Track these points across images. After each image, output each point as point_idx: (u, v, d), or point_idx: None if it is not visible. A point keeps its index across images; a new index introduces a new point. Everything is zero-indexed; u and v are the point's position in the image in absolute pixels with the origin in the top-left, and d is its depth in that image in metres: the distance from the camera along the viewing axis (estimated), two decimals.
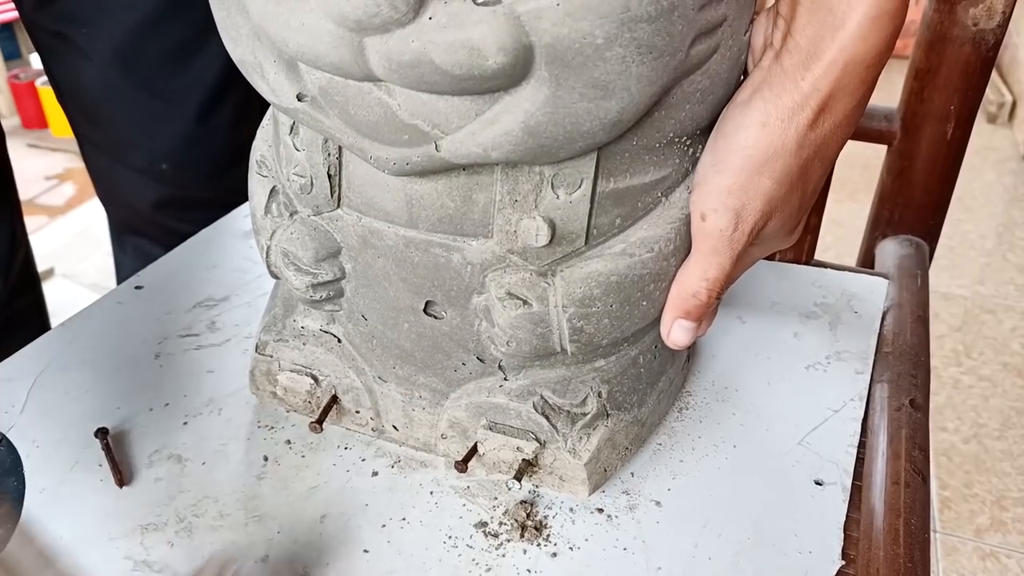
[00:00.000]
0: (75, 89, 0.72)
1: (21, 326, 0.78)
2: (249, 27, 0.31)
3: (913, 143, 0.59)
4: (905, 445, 0.42)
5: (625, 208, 0.35)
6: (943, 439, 1.34)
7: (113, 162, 0.77)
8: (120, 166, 0.76)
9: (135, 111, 0.72)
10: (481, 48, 0.26)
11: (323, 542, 0.37)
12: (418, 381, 0.40)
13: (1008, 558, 1.15)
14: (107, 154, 0.76)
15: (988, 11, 0.53)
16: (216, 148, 0.75)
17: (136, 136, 0.73)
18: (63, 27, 0.67)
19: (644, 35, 0.27)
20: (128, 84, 0.70)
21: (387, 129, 0.31)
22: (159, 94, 0.71)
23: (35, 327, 0.79)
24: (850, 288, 0.55)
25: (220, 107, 0.73)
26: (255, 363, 0.44)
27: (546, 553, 0.37)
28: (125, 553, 0.37)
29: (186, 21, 0.68)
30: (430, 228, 0.35)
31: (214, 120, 0.73)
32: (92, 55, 0.68)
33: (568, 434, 0.38)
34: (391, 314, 0.39)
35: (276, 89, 0.32)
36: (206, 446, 0.43)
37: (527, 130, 0.29)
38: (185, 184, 0.76)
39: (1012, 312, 1.67)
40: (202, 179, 0.76)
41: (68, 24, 0.67)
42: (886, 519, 0.38)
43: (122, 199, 0.81)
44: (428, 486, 0.40)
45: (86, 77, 0.70)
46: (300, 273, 0.39)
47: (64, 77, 0.72)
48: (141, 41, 0.68)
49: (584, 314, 0.36)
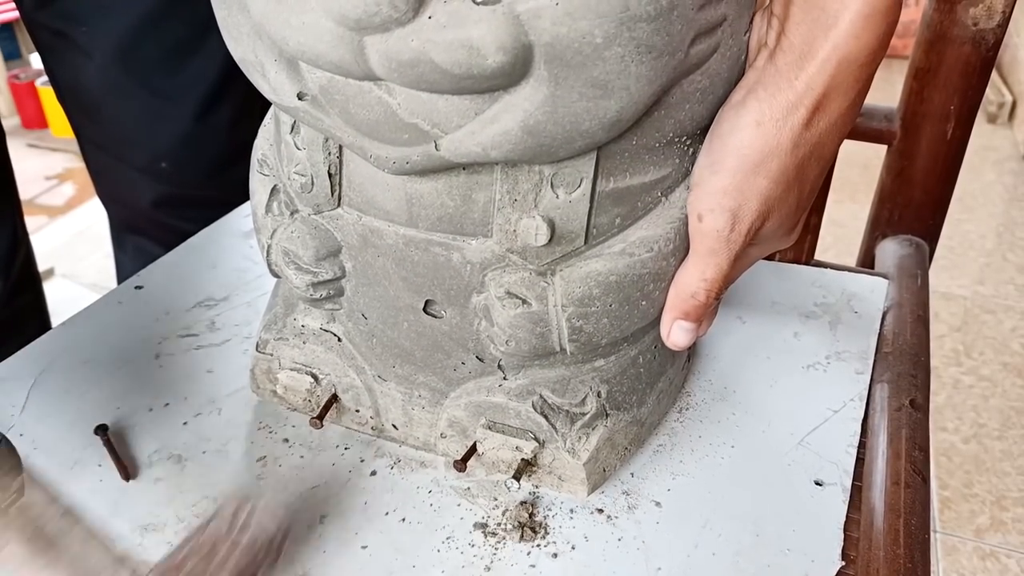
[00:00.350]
0: (75, 88, 0.72)
1: (21, 326, 0.78)
2: (250, 26, 0.31)
3: (913, 143, 0.59)
4: (905, 445, 0.42)
5: (625, 208, 0.35)
6: (943, 439, 1.34)
7: (113, 160, 0.77)
8: (120, 164, 0.76)
9: (135, 109, 0.72)
10: (480, 47, 0.26)
11: (323, 542, 0.37)
12: (418, 380, 0.40)
13: (1008, 558, 1.15)
14: (107, 152, 0.77)
15: (988, 11, 0.53)
16: (216, 147, 0.75)
17: (136, 134, 0.73)
18: (63, 25, 0.67)
19: (643, 34, 0.27)
20: (128, 82, 0.70)
21: (387, 128, 0.31)
22: (159, 92, 0.71)
23: (35, 327, 0.79)
24: (850, 288, 0.55)
25: (220, 106, 0.73)
26: (255, 361, 0.44)
27: (546, 553, 0.37)
28: (125, 553, 0.37)
29: (186, 20, 0.68)
30: (430, 227, 0.35)
31: (214, 119, 0.73)
32: (92, 53, 0.68)
33: (567, 434, 0.38)
34: (391, 313, 0.39)
35: (277, 88, 0.32)
36: (206, 446, 0.43)
37: (526, 129, 0.29)
38: (185, 183, 0.76)
39: (1012, 312, 1.67)
40: (202, 178, 0.76)
41: (68, 22, 0.67)
42: (886, 519, 0.38)
43: (122, 198, 0.81)
44: (428, 486, 0.40)
45: (86, 75, 0.70)
46: (300, 272, 0.39)
47: (64, 76, 0.72)
48: (141, 39, 0.68)
49: (583, 313, 0.36)
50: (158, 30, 0.68)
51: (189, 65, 0.70)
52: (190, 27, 0.69)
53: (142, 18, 0.67)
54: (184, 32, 0.69)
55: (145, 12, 0.67)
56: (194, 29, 0.69)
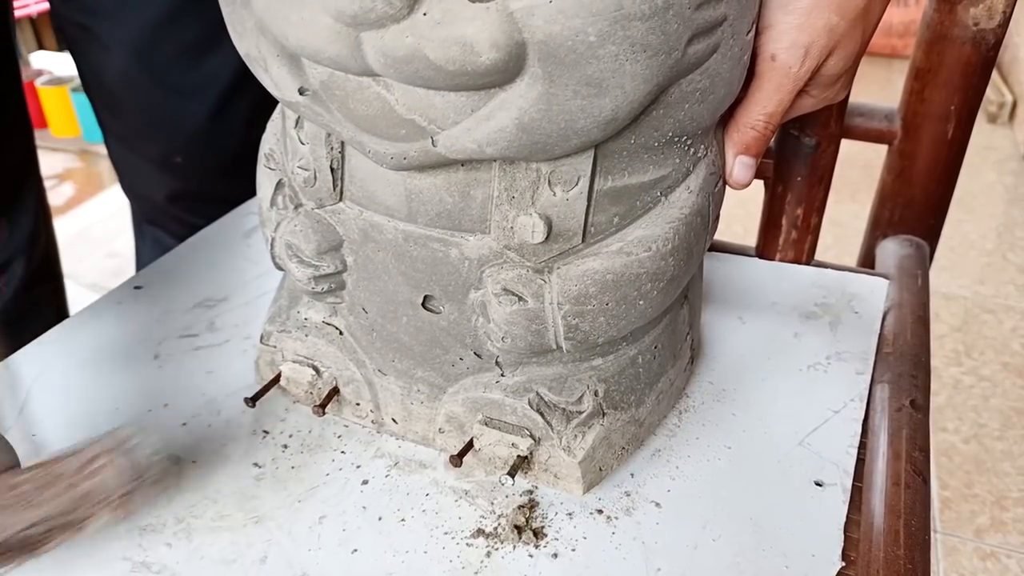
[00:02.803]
0: (98, 81, 0.74)
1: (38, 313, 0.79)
2: (253, 21, 0.32)
3: (913, 143, 0.59)
4: (905, 446, 0.42)
5: (623, 207, 0.35)
6: (943, 439, 1.34)
7: (131, 153, 0.79)
8: (138, 158, 0.78)
9: (152, 104, 0.73)
10: (474, 44, 0.27)
11: (321, 543, 0.37)
12: (416, 375, 0.41)
13: (1008, 558, 1.14)
14: (126, 146, 0.79)
15: (988, 11, 0.53)
16: (229, 144, 0.76)
17: (152, 129, 0.75)
18: (87, 19, 0.69)
19: (638, 33, 0.27)
20: (145, 77, 0.71)
21: (385, 123, 0.31)
22: (175, 88, 0.72)
23: (52, 316, 0.80)
24: (850, 288, 0.55)
25: (234, 104, 0.74)
26: (260, 353, 0.45)
27: (546, 554, 0.37)
28: (123, 554, 0.37)
29: (204, 18, 0.70)
30: (429, 223, 0.35)
31: (228, 117, 0.74)
32: (112, 47, 0.70)
33: (563, 432, 0.38)
34: (390, 307, 0.39)
35: (279, 83, 0.33)
36: (205, 447, 0.43)
37: (521, 127, 0.29)
38: (198, 178, 0.77)
39: (1012, 312, 1.66)
40: (214, 174, 0.77)
41: (91, 17, 0.69)
42: (886, 520, 0.38)
43: (140, 191, 0.83)
44: (427, 487, 0.40)
45: (107, 69, 0.72)
46: (303, 265, 0.40)
47: (88, 69, 0.74)
48: (159, 35, 0.70)
49: (579, 311, 0.36)
50: (176, 27, 0.69)
51: (205, 63, 0.72)
52: (208, 25, 0.70)
53: (161, 15, 0.69)
54: (202, 30, 0.70)
55: (164, 9, 0.68)
56: (212, 28, 0.70)
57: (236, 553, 0.37)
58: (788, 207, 0.57)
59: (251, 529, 0.38)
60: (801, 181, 0.56)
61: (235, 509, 0.39)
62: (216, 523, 0.38)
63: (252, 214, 0.65)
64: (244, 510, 0.39)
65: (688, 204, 0.36)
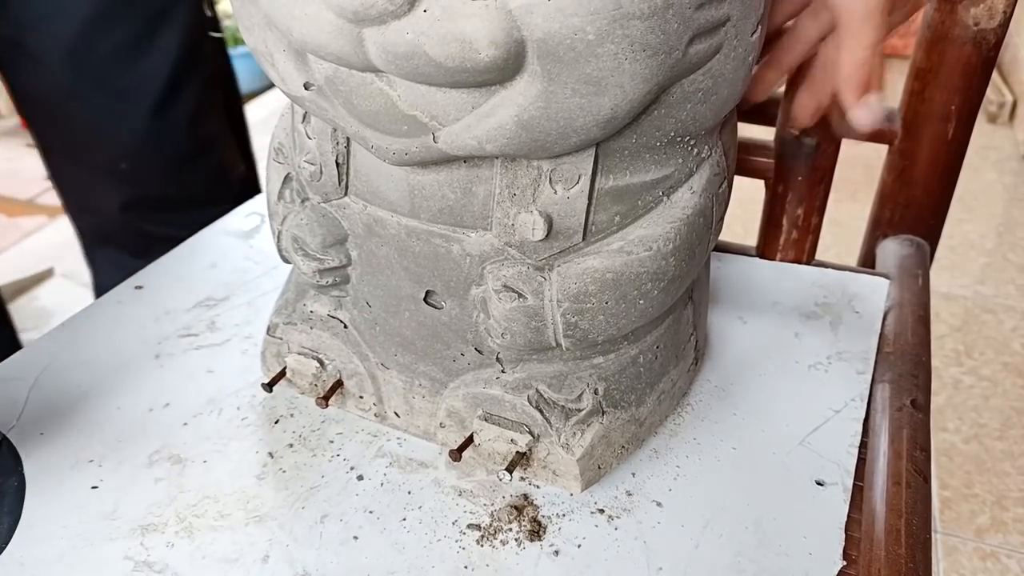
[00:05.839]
0: (34, 95, 0.74)
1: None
2: (260, 16, 0.32)
3: (914, 143, 0.59)
4: (906, 445, 0.42)
5: (624, 206, 0.35)
6: (944, 439, 1.34)
7: (76, 167, 0.78)
8: (83, 169, 0.77)
9: (91, 110, 0.72)
10: (473, 41, 0.27)
11: (323, 542, 0.37)
12: (418, 369, 0.41)
13: (1008, 558, 1.14)
14: (70, 158, 0.77)
15: (989, 11, 0.53)
16: (175, 144, 0.75)
17: (94, 135, 0.74)
18: (14, 32, 0.68)
19: (637, 32, 0.27)
20: (81, 83, 0.71)
21: (388, 119, 0.32)
22: (113, 91, 0.72)
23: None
24: (851, 288, 0.55)
25: (175, 102, 0.73)
26: (266, 344, 0.45)
27: (547, 553, 0.37)
28: (125, 553, 0.37)
29: (134, 17, 0.69)
30: (431, 219, 0.36)
31: (170, 115, 0.74)
32: (43, 58, 0.69)
33: (561, 429, 0.38)
34: (393, 302, 0.39)
35: (285, 77, 0.33)
36: (206, 446, 0.43)
37: (520, 124, 0.30)
38: (146, 182, 0.77)
39: (1013, 312, 1.66)
40: (163, 176, 0.77)
41: (18, 29, 0.68)
42: (887, 519, 0.38)
43: (90, 206, 0.82)
44: (428, 486, 0.40)
45: (42, 81, 0.71)
46: (308, 258, 0.40)
47: (22, 85, 0.73)
48: (90, 39, 0.69)
49: (578, 310, 0.36)
50: (107, 28, 0.69)
51: (140, 63, 0.71)
52: (139, 24, 0.70)
53: (88, 19, 0.68)
54: (133, 30, 0.70)
55: (93, 12, 0.68)
56: (143, 26, 0.70)
57: (238, 552, 0.37)
58: (789, 207, 0.57)
59: (253, 528, 0.38)
60: (802, 181, 0.56)
61: (236, 508, 0.39)
62: (218, 522, 0.38)
63: (253, 214, 0.65)
64: (245, 509, 0.39)
65: (691, 204, 0.36)
